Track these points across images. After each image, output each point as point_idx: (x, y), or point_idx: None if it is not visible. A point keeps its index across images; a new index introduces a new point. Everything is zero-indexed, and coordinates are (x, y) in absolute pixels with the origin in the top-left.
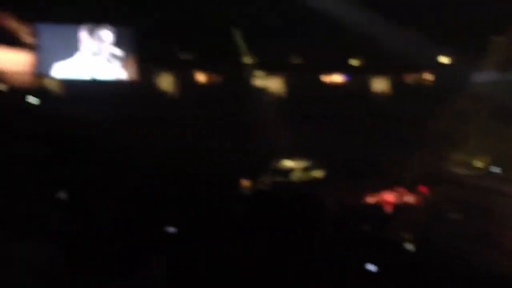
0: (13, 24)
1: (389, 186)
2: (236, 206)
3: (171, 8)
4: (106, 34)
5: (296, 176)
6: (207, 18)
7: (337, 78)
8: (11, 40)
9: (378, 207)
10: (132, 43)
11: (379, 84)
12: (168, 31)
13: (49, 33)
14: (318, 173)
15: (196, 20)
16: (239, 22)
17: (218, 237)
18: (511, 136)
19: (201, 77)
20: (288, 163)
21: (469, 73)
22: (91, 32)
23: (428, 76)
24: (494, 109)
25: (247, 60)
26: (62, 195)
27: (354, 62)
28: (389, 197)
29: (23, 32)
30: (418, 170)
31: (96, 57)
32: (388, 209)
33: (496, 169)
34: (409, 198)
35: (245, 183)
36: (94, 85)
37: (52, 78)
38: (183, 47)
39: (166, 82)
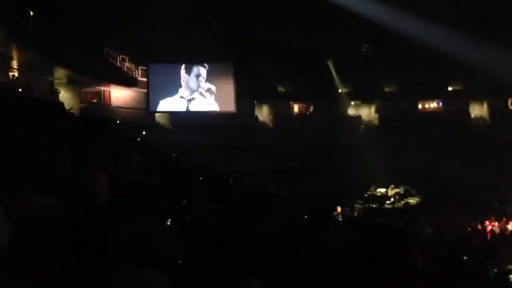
0: (128, 65)
1: (489, 214)
2: (331, 234)
3: (265, 42)
4: (204, 70)
5: (391, 203)
6: (302, 49)
7: (432, 104)
8: (127, 80)
9: (481, 236)
10: (229, 77)
11: (477, 110)
12: (263, 63)
13: (157, 72)
14: (414, 200)
15: (291, 52)
16: (333, 52)
17: (313, 269)
18: None
19: (296, 107)
20: (383, 190)
21: None
22: (191, 70)
23: None
24: None
25: (342, 89)
26: (169, 222)
27: (451, 87)
28: (492, 225)
29: (137, 71)
30: None
31: (196, 92)
32: (493, 239)
33: None
34: None
35: (339, 209)
36: (196, 117)
37: (160, 112)
38: (278, 78)
39: (264, 113)
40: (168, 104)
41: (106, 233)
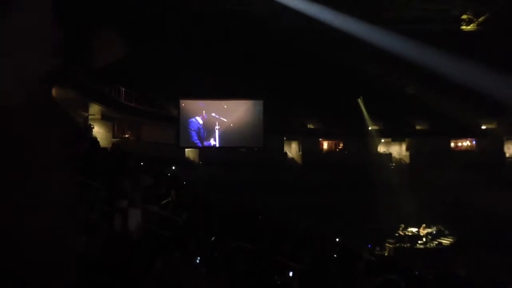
0: (160, 101)
1: None
2: (358, 272)
3: (295, 78)
4: (239, 106)
5: (423, 243)
6: (332, 86)
7: (466, 143)
8: (161, 116)
9: None
10: (261, 114)
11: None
12: (293, 100)
13: (188, 107)
14: (447, 241)
15: (321, 89)
16: (363, 90)
17: None
18: None
19: (326, 144)
20: (414, 229)
21: None
22: (227, 105)
23: None
24: None
25: (372, 126)
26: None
27: (485, 126)
28: None
29: (169, 107)
30: None
31: (230, 127)
32: None
33: None
34: None
35: (368, 249)
36: (225, 152)
37: (191, 147)
38: (307, 115)
39: (292, 149)
40: (197, 139)
41: (138, 270)
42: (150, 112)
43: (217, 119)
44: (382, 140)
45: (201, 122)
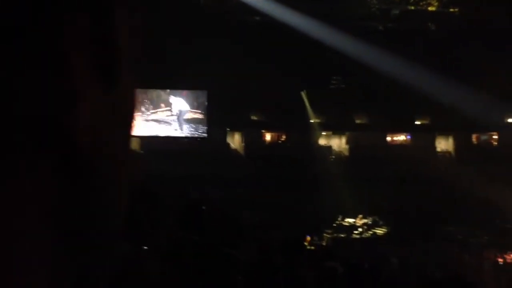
0: None
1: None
2: (301, 262)
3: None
4: (183, 96)
5: (358, 233)
6: (276, 79)
7: (401, 138)
8: None
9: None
10: (205, 104)
11: (444, 144)
12: (238, 93)
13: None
14: (381, 231)
15: (266, 82)
16: (307, 83)
17: None
18: None
19: (268, 136)
20: (351, 220)
21: None
22: (169, 95)
23: (495, 137)
24: None
25: (314, 119)
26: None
27: (420, 121)
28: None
29: None
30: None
31: (172, 117)
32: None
33: None
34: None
35: (308, 238)
36: (168, 141)
37: (133, 136)
38: (253, 107)
39: (235, 140)
40: (139, 128)
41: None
42: None
43: (160, 108)
44: (323, 133)
45: (143, 110)
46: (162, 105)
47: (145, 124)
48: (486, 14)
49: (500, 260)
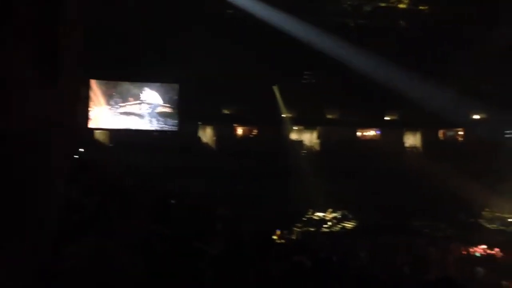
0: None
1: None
2: (269, 256)
3: (213, 66)
4: (153, 90)
5: (328, 227)
6: (248, 75)
7: (371, 133)
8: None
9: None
10: (175, 98)
11: (413, 140)
12: (210, 86)
13: (100, 88)
14: (350, 224)
15: (238, 76)
16: (278, 78)
17: None
18: None
19: (240, 130)
20: (320, 214)
21: (501, 129)
22: (140, 88)
23: (461, 133)
24: None
25: (285, 114)
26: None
27: (389, 117)
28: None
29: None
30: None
31: (143, 110)
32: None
33: None
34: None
35: (278, 232)
36: (138, 134)
37: (103, 129)
38: (225, 101)
39: (207, 134)
40: (108, 121)
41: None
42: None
43: (130, 102)
44: (295, 128)
45: (113, 103)
46: (131, 98)
47: (116, 117)
48: (454, 13)
49: (464, 252)
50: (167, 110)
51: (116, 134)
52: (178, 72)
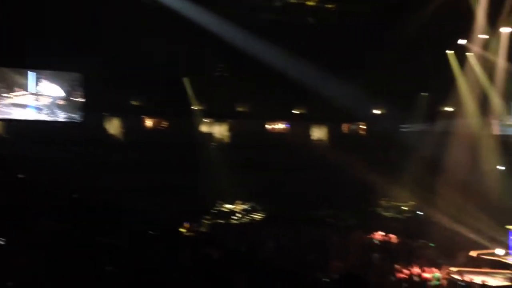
0: None
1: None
2: (178, 247)
3: (120, 56)
4: (54, 78)
5: (237, 218)
6: (158, 66)
7: (281, 126)
8: None
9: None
10: (79, 87)
11: (319, 133)
12: (117, 77)
13: None
14: (258, 216)
15: (146, 67)
16: (188, 70)
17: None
18: (430, 183)
19: (150, 122)
20: (229, 206)
21: (398, 124)
22: (39, 76)
23: (363, 126)
24: (418, 157)
25: (195, 106)
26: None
27: (297, 111)
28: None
29: None
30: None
31: (43, 100)
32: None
33: (420, 213)
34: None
35: (186, 225)
36: (39, 125)
37: None
38: (132, 92)
39: (113, 126)
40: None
41: None
42: None
43: (30, 90)
44: (205, 120)
45: (11, 92)
46: (30, 88)
47: (7, 108)
48: (360, 11)
49: (364, 240)
50: (69, 100)
51: (13, 125)
52: (83, 61)
